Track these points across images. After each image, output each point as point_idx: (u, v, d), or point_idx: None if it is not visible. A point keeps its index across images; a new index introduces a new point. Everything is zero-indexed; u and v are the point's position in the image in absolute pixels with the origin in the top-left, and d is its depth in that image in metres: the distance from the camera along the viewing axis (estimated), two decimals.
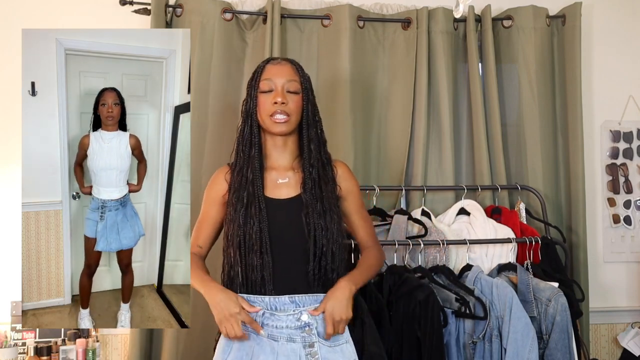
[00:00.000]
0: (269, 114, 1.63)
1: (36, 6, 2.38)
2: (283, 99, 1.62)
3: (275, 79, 1.64)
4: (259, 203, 1.61)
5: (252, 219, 1.59)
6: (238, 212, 1.61)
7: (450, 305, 2.04)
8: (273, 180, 1.67)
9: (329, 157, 1.72)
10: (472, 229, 2.32)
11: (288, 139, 1.68)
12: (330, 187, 1.67)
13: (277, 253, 1.61)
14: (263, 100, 1.64)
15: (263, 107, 1.64)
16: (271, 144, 1.69)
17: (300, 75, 1.67)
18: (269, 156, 1.69)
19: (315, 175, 1.64)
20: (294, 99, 1.64)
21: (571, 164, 2.56)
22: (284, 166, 1.69)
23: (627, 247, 2.71)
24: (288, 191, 1.66)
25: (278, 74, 1.65)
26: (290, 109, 1.63)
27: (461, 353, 2.04)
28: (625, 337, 2.62)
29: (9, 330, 2.22)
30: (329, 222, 1.61)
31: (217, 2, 2.38)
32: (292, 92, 1.64)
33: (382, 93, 2.51)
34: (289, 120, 1.63)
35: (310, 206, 1.61)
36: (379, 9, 2.55)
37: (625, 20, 2.75)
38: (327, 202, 1.63)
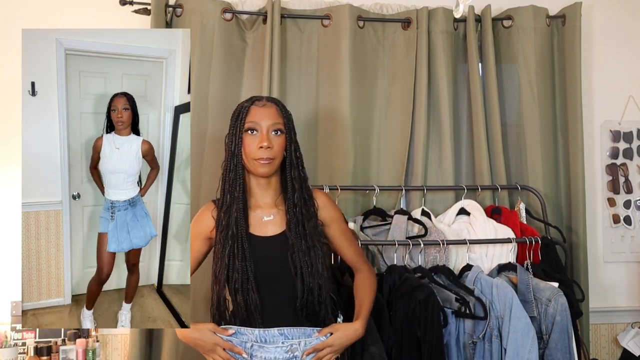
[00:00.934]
0: (254, 158, 1.65)
1: (36, 6, 2.38)
2: (269, 143, 1.63)
3: (261, 122, 1.65)
4: (242, 242, 1.65)
5: (237, 257, 1.64)
6: (224, 250, 1.66)
7: (450, 305, 2.04)
8: (259, 219, 1.71)
9: (310, 193, 1.74)
10: (472, 229, 2.32)
11: (271, 179, 1.71)
12: (313, 223, 1.71)
13: (264, 289, 1.66)
14: (248, 142, 1.66)
15: (248, 149, 1.65)
16: (255, 183, 1.72)
17: (284, 117, 1.69)
18: (253, 195, 1.72)
19: (299, 214, 1.68)
20: (277, 142, 1.66)
21: (571, 164, 2.56)
22: (268, 204, 1.72)
23: (627, 247, 2.71)
24: (274, 228, 1.70)
25: (264, 116, 1.66)
26: (275, 152, 1.65)
27: (461, 353, 2.04)
28: (625, 337, 2.62)
29: (9, 330, 2.22)
30: (314, 258, 1.66)
31: (217, 2, 2.38)
32: (276, 133, 1.66)
33: (382, 93, 2.51)
34: (273, 163, 1.66)
35: (296, 245, 1.66)
36: (379, 9, 2.55)
37: (625, 20, 2.75)
38: (311, 239, 1.68)
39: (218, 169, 2.34)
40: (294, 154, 1.70)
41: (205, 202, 2.31)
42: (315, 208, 1.74)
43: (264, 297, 1.65)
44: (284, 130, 1.67)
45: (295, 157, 1.70)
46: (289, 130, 1.69)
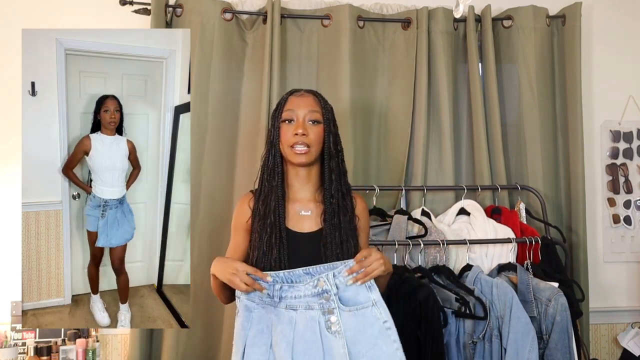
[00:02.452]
0: (290, 145, 1.65)
1: (36, 6, 2.38)
2: (304, 130, 1.64)
3: (298, 110, 1.66)
4: (280, 233, 1.63)
5: (274, 247, 1.62)
6: (262, 239, 1.64)
7: (450, 305, 2.04)
8: (296, 212, 1.69)
9: (349, 187, 1.73)
10: (472, 229, 2.32)
11: (311, 170, 1.70)
12: (349, 218, 1.68)
13: None
14: (285, 130, 1.67)
15: (284, 138, 1.66)
16: (293, 174, 1.70)
17: (322, 107, 1.69)
18: (291, 187, 1.71)
19: (335, 205, 1.66)
20: (314, 130, 1.66)
21: (571, 164, 2.56)
22: (306, 198, 1.70)
23: (627, 247, 2.71)
24: (310, 225, 1.68)
25: (300, 105, 1.67)
26: (311, 140, 1.65)
27: (461, 353, 2.04)
28: (625, 337, 2.62)
29: (9, 330, 2.22)
30: (347, 251, 1.64)
31: (217, 2, 2.38)
32: (313, 122, 1.66)
33: (382, 93, 2.51)
34: (309, 152, 1.65)
35: (330, 236, 1.64)
36: (379, 9, 2.55)
37: (625, 20, 2.75)
38: (345, 233, 1.65)
39: (218, 169, 2.37)
40: (333, 145, 1.68)
41: (205, 202, 2.35)
42: (354, 205, 1.71)
43: None
44: (321, 121, 1.67)
45: (334, 149, 1.68)
46: (327, 121, 1.68)
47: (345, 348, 1.51)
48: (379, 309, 1.56)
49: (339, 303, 1.55)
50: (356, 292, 1.56)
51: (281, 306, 1.56)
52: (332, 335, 1.53)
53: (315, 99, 1.70)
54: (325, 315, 1.54)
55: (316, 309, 1.55)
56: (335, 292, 1.55)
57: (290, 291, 1.56)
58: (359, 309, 1.55)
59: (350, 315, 1.54)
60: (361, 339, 1.54)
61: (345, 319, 1.54)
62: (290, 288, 1.56)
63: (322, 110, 1.68)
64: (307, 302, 1.55)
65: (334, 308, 1.54)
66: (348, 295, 1.56)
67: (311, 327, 1.54)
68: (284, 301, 1.56)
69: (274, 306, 1.56)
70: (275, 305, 1.56)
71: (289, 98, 1.70)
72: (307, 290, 1.56)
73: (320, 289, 1.55)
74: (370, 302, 1.56)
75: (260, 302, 1.56)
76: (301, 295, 1.56)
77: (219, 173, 2.37)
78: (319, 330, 1.54)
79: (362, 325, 1.55)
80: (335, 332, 1.53)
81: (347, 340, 1.52)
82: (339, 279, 1.56)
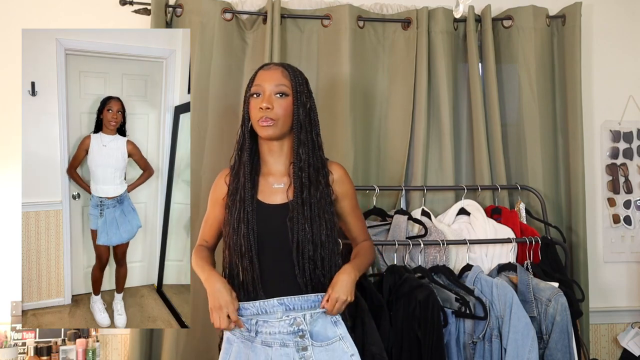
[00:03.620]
0: (257, 119, 1.64)
1: (36, 6, 2.38)
2: (268, 103, 1.62)
3: (264, 84, 1.65)
4: (248, 207, 1.63)
5: (242, 222, 1.62)
6: (232, 215, 1.64)
7: (450, 305, 2.04)
8: (269, 185, 1.69)
9: (323, 162, 1.71)
10: (472, 229, 2.32)
11: (283, 144, 1.69)
12: (323, 192, 1.66)
13: (266, 258, 1.63)
14: (253, 105, 1.67)
15: (252, 112, 1.66)
16: (266, 149, 1.70)
17: (291, 79, 1.67)
18: (266, 162, 1.71)
19: (305, 179, 1.64)
20: (281, 104, 1.64)
21: (571, 164, 2.56)
22: (280, 171, 1.70)
23: (627, 247, 2.71)
24: (282, 197, 1.67)
25: (267, 79, 1.66)
26: (277, 114, 1.63)
27: (461, 353, 2.04)
28: (625, 337, 2.62)
29: (9, 330, 2.22)
30: (317, 227, 1.62)
31: (217, 2, 2.38)
32: (280, 95, 1.65)
33: (382, 93, 2.51)
34: (276, 124, 1.63)
35: (296, 210, 1.62)
36: (379, 9, 2.55)
37: (625, 20, 2.75)
38: (317, 207, 1.64)
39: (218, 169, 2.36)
40: (304, 117, 1.66)
41: (205, 202, 2.33)
42: (329, 179, 1.70)
43: (266, 266, 1.62)
44: (288, 93, 1.65)
45: (306, 121, 1.67)
46: (297, 94, 1.66)
47: None
48: (345, 343, 1.65)
49: (311, 340, 1.62)
50: (324, 327, 1.65)
51: (257, 342, 1.62)
52: None
53: (283, 72, 1.67)
54: (299, 352, 1.60)
55: (291, 346, 1.60)
56: (310, 330, 1.62)
57: (266, 326, 1.62)
58: (329, 344, 1.63)
59: (322, 350, 1.62)
60: None
61: (317, 353, 1.61)
62: (265, 323, 1.62)
63: (290, 83, 1.66)
64: (282, 339, 1.61)
65: (308, 345, 1.61)
66: (317, 329, 1.64)
67: None
68: (260, 336, 1.62)
69: (251, 341, 1.62)
70: (252, 341, 1.62)
71: (258, 72, 1.70)
72: (282, 327, 1.61)
73: (296, 328, 1.61)
74: (337, 337, 1.64)
75: (240, 336, 1.63)
76: (276, 332, 1.61)
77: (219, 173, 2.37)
78: None
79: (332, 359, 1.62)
80: None
81: None
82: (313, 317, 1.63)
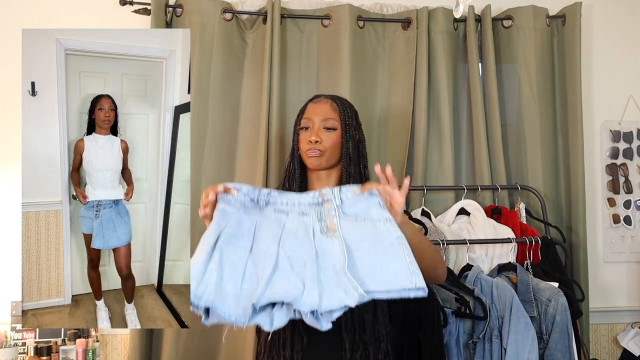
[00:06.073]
0: (305, 150, 1.67)
1: (36, 6, 2.38)
2: (316, 137, 1.65)
3: (313, 118, 1.68)
4: None
5: None
6: None
7: (450, 305, 2.04)
8: None
9: None
10: (472, 229, 2.32)
11: (331, 174, 1.71)
12: None
13: None
14: (302, 138, 1.70)
15: (301, 145, 1.69)
16: (315, 178, 1.72)
17: (340, 112, 1.69)
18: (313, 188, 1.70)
19: None
20: (329, 137, 1.66)
21: (571, 164, 2.56)
22: None
23: (627, 247, 2.71)
24: None
25: (315, 112, 1.69)
26: (325, 147, 1.65)
27: (461, 353, 2.04)
28: (625, 337, 2.62)
29: (9, 330, 2.22)
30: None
31: (217, 2, 2.38)
32: (328, 130, 1.67)
33: (382, 93, 2.51)
34: (323, 155, 1.65)
35: None
36: (379, 9, 2.55)
37: (625, 20, 2.75)
38: None
39: (218, 169, 2.37)
40: (353, 150, 1.68)
41: None
42: None
43: None
44: (337, 127, 1.67)
45: (354, 154, 1.68)
46: (345, 127, 1.68)
47: (344, 250, 1.27)
48: (393, 226, 1.31)
49: (341, 212, 1.34)
50: (366, 208, 1.33)
51: (268, 210, 1.36)
52: (328, 239, 1.31)
53: (332, 105, 1.70)
54: (321, 222, 1.33)
55: (312, 215, 1.35)
56: (338, 204, 1.35)
57: (281, 197, 1.36)
58: (366, 220, 1.32)
59: (355, 225, 1.32)
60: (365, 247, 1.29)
61: (348, 227, 1.32)
62: (281, 195, 1.37)
63: (339, 116, 1.69)
64: (301, 209, 1.35)
65: (334, 217, 1.33)
66: (355, 210, 1.34)
67: (304, 229, 1.33)
68: (272, 206, 1.36)
69: (258, 209, 1.36)
70: (260, 209, 1.36)
71: (307, 105, 1.73)
72: (302, 198, 1.37)
73: (320, 199, 1.36)
74: (382, 218, 1.32)
75: (240, 207, 1.33)
76: (295, 203, 1.36)
77: (219, 173, 2.37)
78: (312, 233, 1.32)
79: (369, 235, 1.31)
80: (332, 236, 1.31)
81: (346, 246, 1.28)
82: (346, 194, 1.36)
